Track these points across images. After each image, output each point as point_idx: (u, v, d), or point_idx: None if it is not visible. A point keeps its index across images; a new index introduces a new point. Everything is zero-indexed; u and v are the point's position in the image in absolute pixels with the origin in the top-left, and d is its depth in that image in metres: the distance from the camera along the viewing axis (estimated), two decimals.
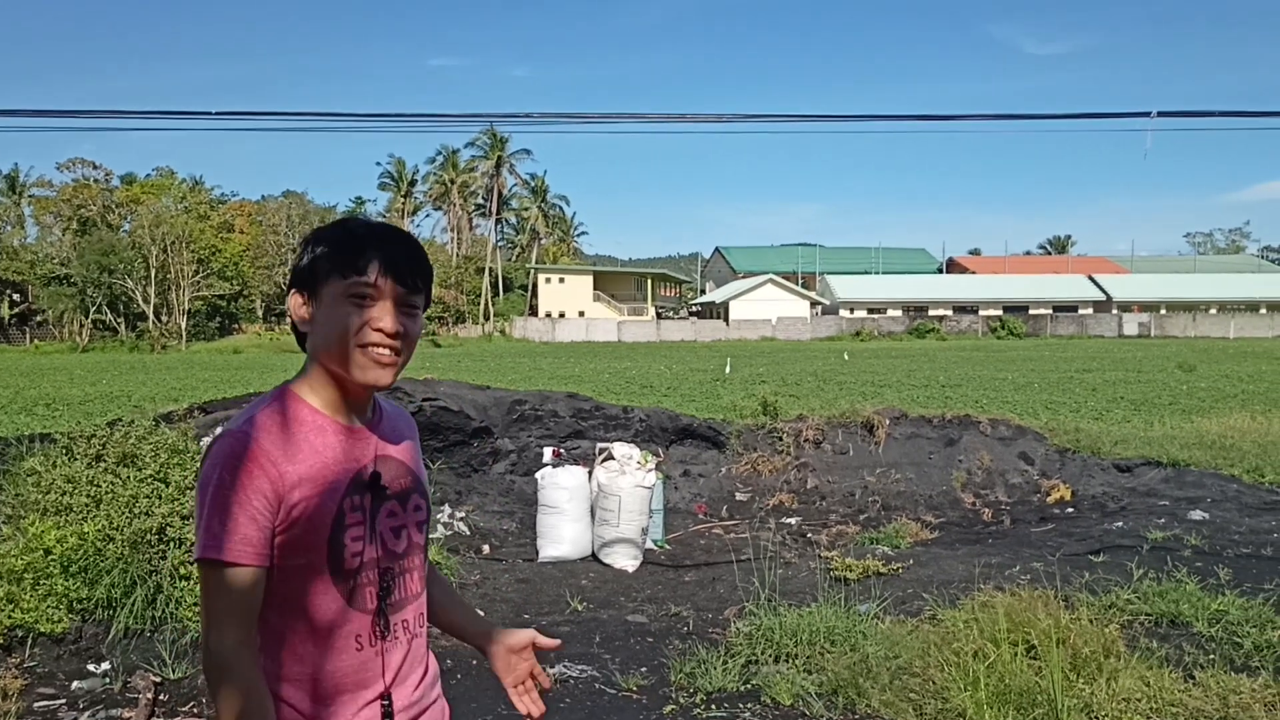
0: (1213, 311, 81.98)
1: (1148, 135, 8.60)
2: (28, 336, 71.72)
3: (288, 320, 2.32)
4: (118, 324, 68.45)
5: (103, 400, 22.23)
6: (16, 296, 74.94)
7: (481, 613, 2.37)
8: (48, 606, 5.49)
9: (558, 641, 2.32)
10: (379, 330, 1.89)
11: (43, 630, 5.46)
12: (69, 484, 6.36)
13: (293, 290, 1.97)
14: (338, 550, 1.87)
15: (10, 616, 5.39)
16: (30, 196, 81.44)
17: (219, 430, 1.90)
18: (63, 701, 5.00)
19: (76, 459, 6.85)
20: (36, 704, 4.95)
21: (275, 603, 1.84)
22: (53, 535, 5.62)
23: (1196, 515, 9.13)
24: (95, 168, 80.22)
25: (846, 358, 44.76)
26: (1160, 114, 8.08)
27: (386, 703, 1.95)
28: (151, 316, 67.65)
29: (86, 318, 67.43)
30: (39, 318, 73.18)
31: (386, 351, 1.91)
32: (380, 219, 1.98)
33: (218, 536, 1.77)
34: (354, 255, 1.90)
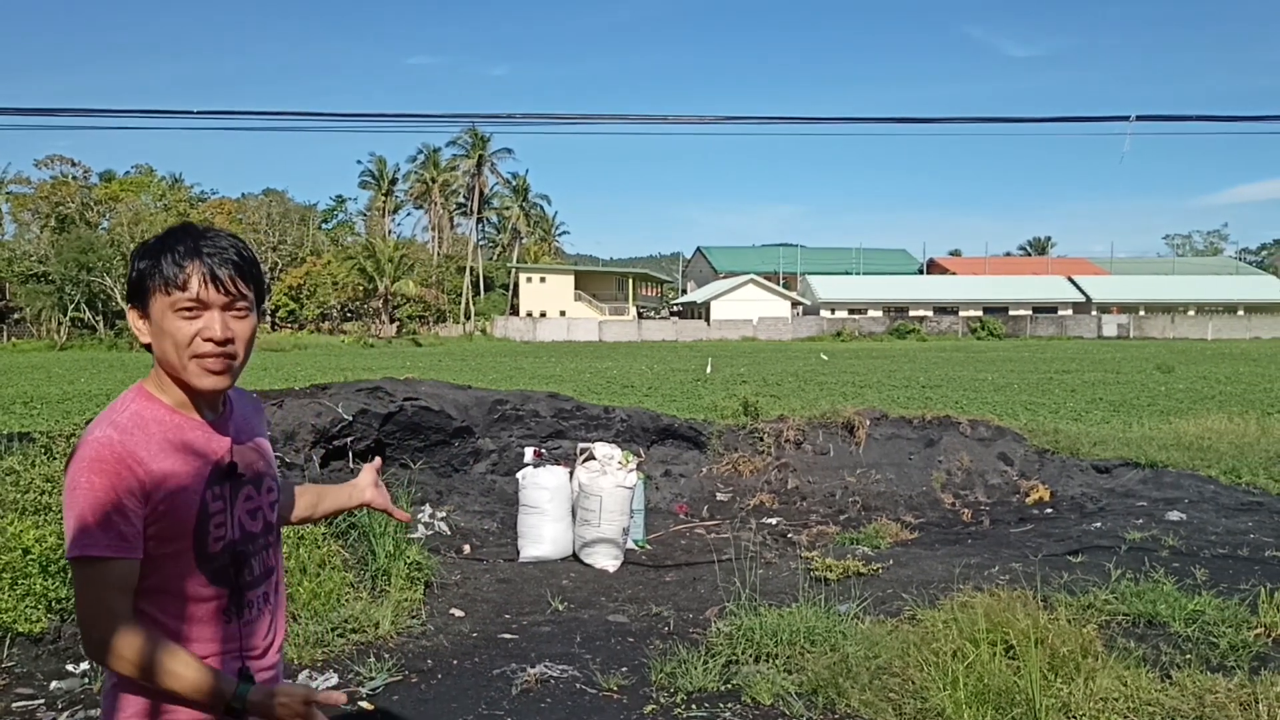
0: (1191, 313, 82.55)
1: (1126, 139, 8.66)
2: (5, 334, 71.12)
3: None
4: (96, 322, 67.95)
5: (81, 399, 22.07)
6: None
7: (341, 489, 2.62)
8: (26, 606, 5.46)
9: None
10: (209, 340, 2.01)
11: (21, 630, 5.43)
12: (48, 483, 6.33)
13: (129, 305, 2.08)
14: (203, 537, 2.02)
15: None
16: (8, 193, 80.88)
17: (85, 433, 1.95)
18: (41, 702, 4.97)
19: (55, 458, 6.82)
20: (15, 704, 4.92)
21: (145, 589, 1.98)
22: (31, 535, 5.58)
23: (1174, 516, 9.21)
24: (74, 165, 79.79)
25: (825, 358, 44.85)
26: (1139, 118, 8.14)
27: (245, 671, 2.10)
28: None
29: (65, 315, 66.90)
30: (16, 315, 72.58)
31: (219, 359, 2.03)
32: (210, 227, 2.09)
33: (94, 535, 1.88)
34: (175, 271, 1.99)
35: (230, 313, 2.04)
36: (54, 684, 5.16)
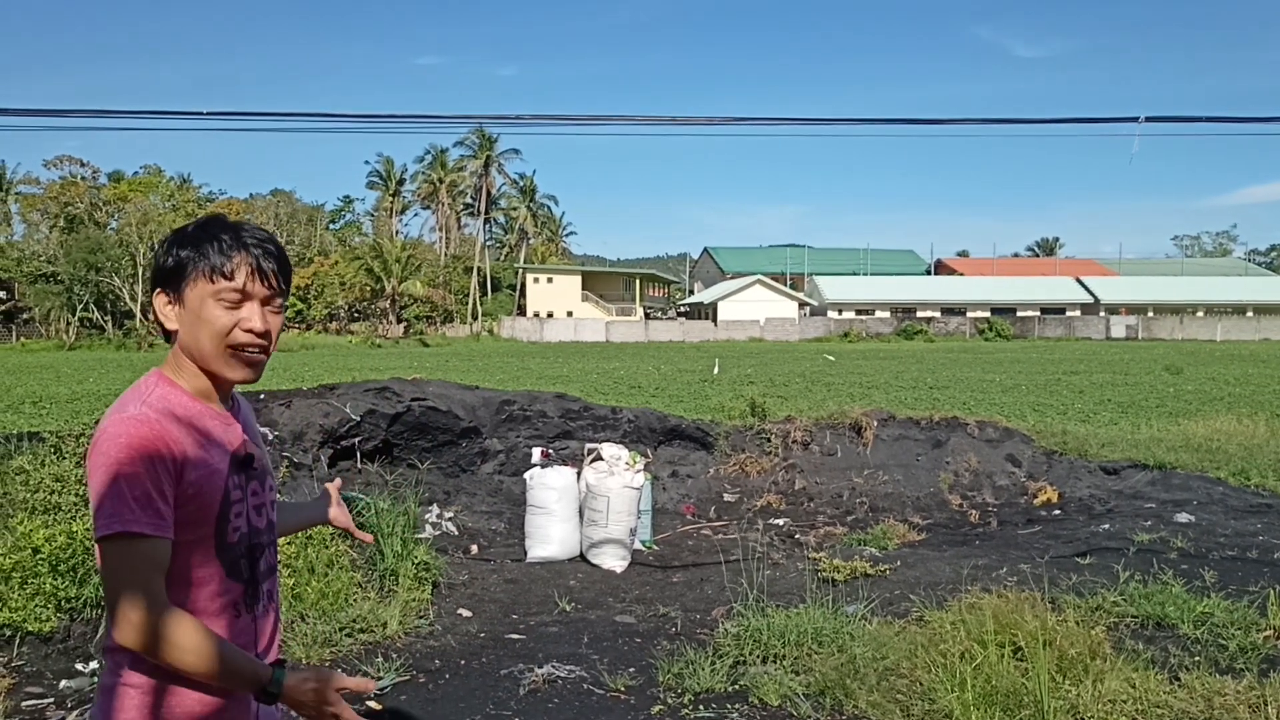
0: (1200, 314, 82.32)
1: (1135, 140, 8.63)
2: (14, 334, 71.31)
3: (151, 317, 2.52)
4: (105, 322, 68.13)
5: (90, 398, 22.13)
6: (3, 294, 74.49)
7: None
8: (36, 605, 5.47)
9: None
10: (249, 331, 2.03)
11: (31, 629, 5.44)
12: (57, 482, 6.35)
13: (157, 291, 2.07)
14: (224, 526, 2.03)
15: None
16: (17, 194, 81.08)
17: (110, 413, 1.95)
18: (51, 700, 4.99)
19: (65, 457, 6.84)
20: (25, 703, 4.94)
21: (166, 577, 1.95)
22: (41, 534, 5.60)
23: (1183, 518, 9.18)
24: (82, 165, 79.92)
25: (831, 359, 44.80)
26: (1148, 119, 8.11)
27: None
28: (139, 315, 67.28)
29: (73, 315, 67.05)
30: (25, 315, 72.75)
31: (257, 351, 2.06)
32: (250, 222, 2.11)
33: (134, 511, 1.86)
34: (222, 260, 2.01)
35: (268, 307, 2.06)
36: (63, 683, 5.18)
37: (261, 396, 9.76)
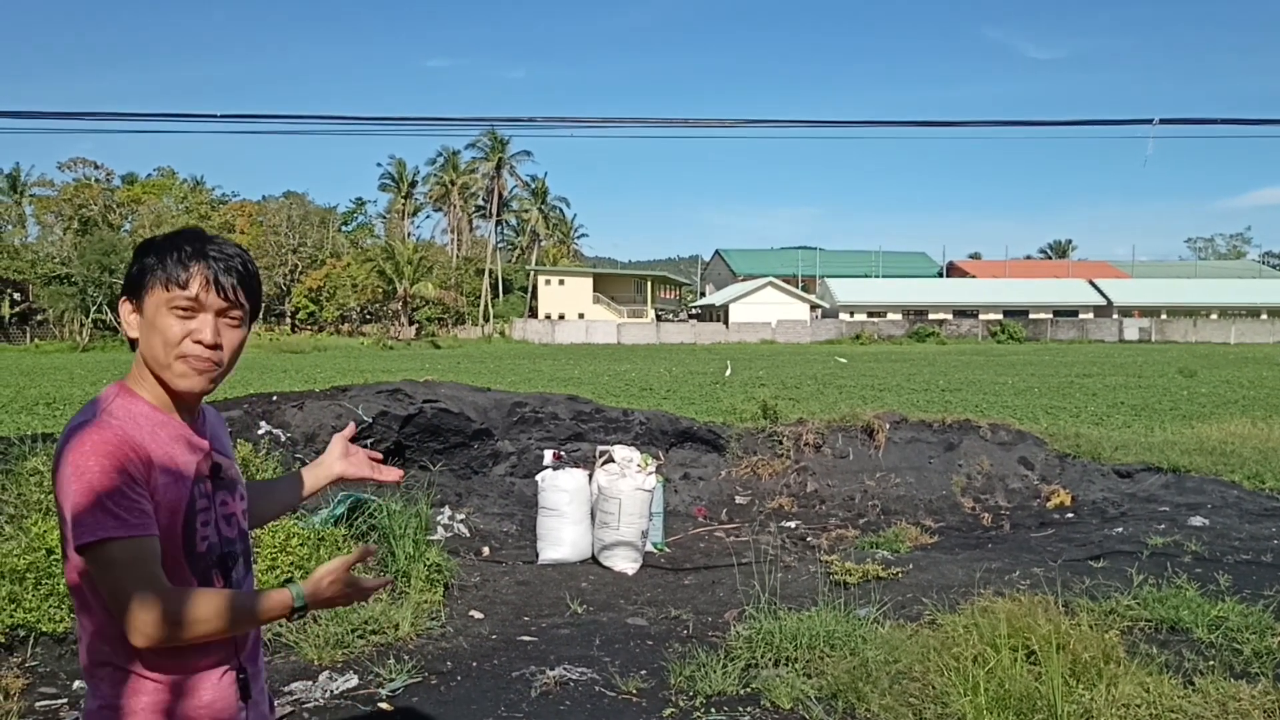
0: (1214, 317, 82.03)
1: (1149, 142, 8.61)
2: (28, 335, 71.70)
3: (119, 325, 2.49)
4: (118, 324, 68.34)
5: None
6: (17, 296, 74.92)
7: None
8: (50, 606, 5.50)
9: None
10: (198, 342, 2.01)
11: (45, 630, 5.47)
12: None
13: (122, 298, 2.10)
14: (191, 535, 2.02)
15: (12, 616, 5.40)
16: (31, 196, 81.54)
17: (72, 425, 1.94)
18: (64, 701, 5.01)
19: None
20: (38, 703, 4.95)
21: None
22: (55, 535, 5.62)
23: (1197, 521, 9.14)
24: (96, 167, 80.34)
25: (843, 361, 44.72)
26: (1162, 121, 8.09)
27: (242, 674, 2.11)
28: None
29: (87, 317, 67.38)
30: (39, 317, 73.18)
31: (205, 362, 2.03)
32: (221, 237, 2.11)
33: (116, 515, 1.86)
34: (178, 269, 2.01)
35: (224, 319, 2.05)
36: (77, 683, 5.20)
37: (274, 398, 9.79)
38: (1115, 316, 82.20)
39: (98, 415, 1.96)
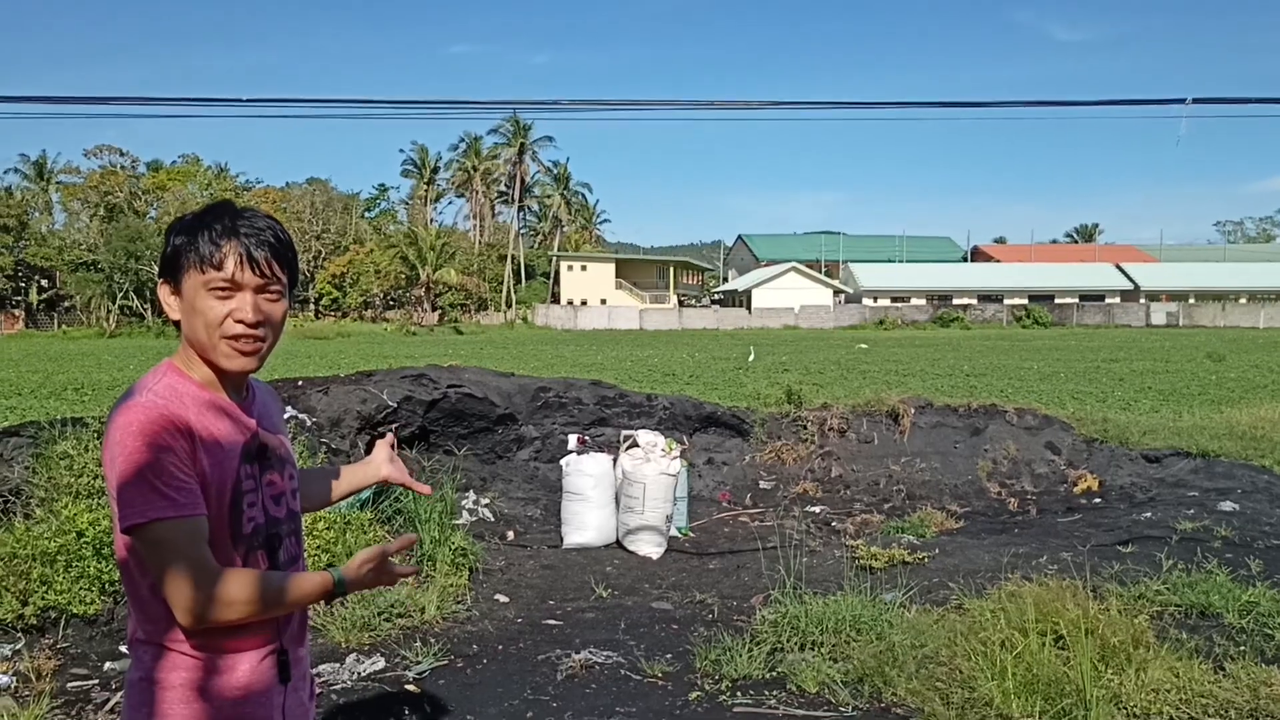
0: (1243, 301, 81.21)
1: (1182, 122, 8.48)
2: (55, 322, 72.38)
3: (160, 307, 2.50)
4: (144, 310, 68.91)
5: (130, 385, 22.37)
6: (45, 282, 75.64)
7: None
8: (80, 588, 5.55)
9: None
10: (240, 321, 1.99)
11: (75, 612, 5.52)
12: (101, 467, 6.41)
13: (161, 280, 2.07)
14: (238, 515, 2.02)
15: (44, 598, 5.46)
16: (58, 183, 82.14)
17: (119, 405, 1.95)
18: (95, 682, 5.06)
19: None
20: (70, 684, 5.00)
21: None
22: (85, 518, 5.68)
23: (1227, 506, 9.06)
24: (122, 154, 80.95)
25: (863, 348, 44.52)
26: (1195, 100, 7.97)
27: (283, 655, 2.11)
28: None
29: (113, 303, 67.93)
30: (67, 303, 73.83)
31: (249, 340, 2.01)
32: (248, 208, 2.08)
33: (165, 495, 1.86)
34: (211, 249, 1.98)
35: (263, 295, 2.03)
36: (108, 665, 5.25)
37: (299, 383, 9.83)
38: (1142, 301, 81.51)
39: (143, 394, 1.95)
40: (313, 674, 2.39)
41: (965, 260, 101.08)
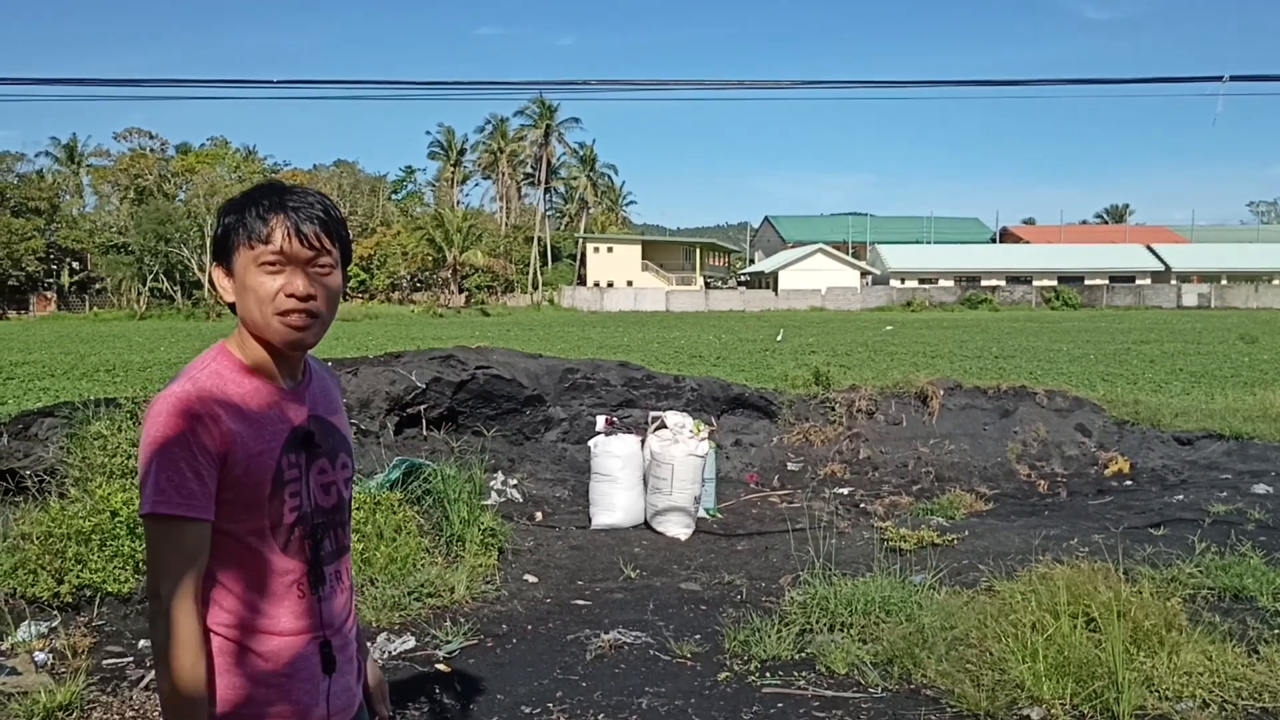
0: (1276, 282, 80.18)
1: (1220, 100, 8.37)
2: (87, 304, 73.11)
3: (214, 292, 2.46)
4: (174, 292, 69.51)
5: (162, 366, 22.60)
6: (76, 265, 76.33)
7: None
8: (115, 567, 5.61)
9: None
10: (292, 296, 1.96)
11: (110, 590, 5.58)
12: (134, 447, 6.48)
13: (214, 264, 2.05)
14: (278, 505, 1.98)
15: (79, 576, 5.52)
16: (88, 166, 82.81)
17: (164, 389, 1.94)
18: (130, 659, 5.12)
19: (141, 423, 6.96)
20: (105, 661, 5.07)
21: (221, 555, 1.94)
22: (119, 498, 5.73)
23: (1260, 489, 8.97)
24: (151, 137, 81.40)
25: (889, 329, 44.29)
26: (1233, 78, 7.85)
27: (326, 645, 2.07)
28: (207, 285, 68.58)
29: (144, 286, 68.52)
30: (98, 285, 74.54)
31: (302, 315, 1.98)
32: (294, 185, 2.05)
33: (166, 492, 1.85)
34: (258, 223, 1.96)
35: (314, 268, 1.99)
36: (142, 642, 5.31)
37: (328, 364, 9.89)
38: (1173, 282, 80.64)
39: (185, 381, 1.94)
40: (368, 646, 2.34)
41: (994, 242, 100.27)
